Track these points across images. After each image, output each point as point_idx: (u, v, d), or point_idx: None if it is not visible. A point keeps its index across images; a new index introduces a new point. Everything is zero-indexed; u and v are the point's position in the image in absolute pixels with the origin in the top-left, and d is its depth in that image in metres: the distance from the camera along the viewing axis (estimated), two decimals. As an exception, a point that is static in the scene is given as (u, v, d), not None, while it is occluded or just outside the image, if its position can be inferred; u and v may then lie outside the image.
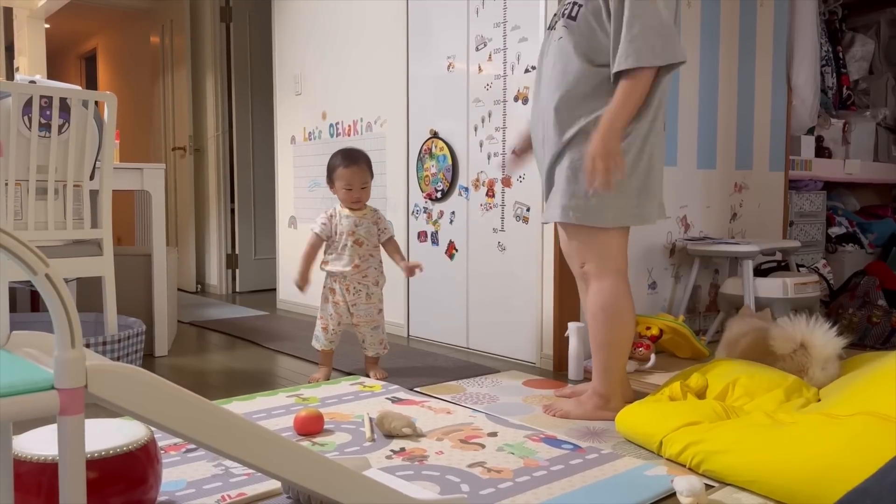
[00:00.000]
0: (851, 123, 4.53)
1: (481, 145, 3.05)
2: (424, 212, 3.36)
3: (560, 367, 2.75)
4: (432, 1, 3.27)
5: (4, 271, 1.18)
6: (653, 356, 2.72)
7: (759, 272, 3.16)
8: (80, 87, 2.65)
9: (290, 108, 4.33)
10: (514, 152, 2.46)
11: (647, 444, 1.86)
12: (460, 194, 3.17)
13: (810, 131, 4.10)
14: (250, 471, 1.67)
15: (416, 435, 1.97)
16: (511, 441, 1.93)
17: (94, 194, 2.64)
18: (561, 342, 2.73)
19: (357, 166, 2.59)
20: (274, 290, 4.69)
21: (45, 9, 5.21)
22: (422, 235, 3.38)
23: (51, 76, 5.61)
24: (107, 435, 1.42)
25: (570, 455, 1.82)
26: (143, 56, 6.06)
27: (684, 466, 1.73)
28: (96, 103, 2.55)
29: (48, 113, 2.38)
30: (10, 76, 5.18)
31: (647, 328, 2.79)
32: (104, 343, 2.47)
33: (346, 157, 2.60)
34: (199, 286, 5.38)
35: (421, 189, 3.36)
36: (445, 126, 3.23)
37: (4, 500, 1.17)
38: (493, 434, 1.99)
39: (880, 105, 4.74)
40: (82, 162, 2.51)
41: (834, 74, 4.42)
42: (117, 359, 2.51)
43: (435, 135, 3.27)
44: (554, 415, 2.16)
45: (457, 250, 3.19)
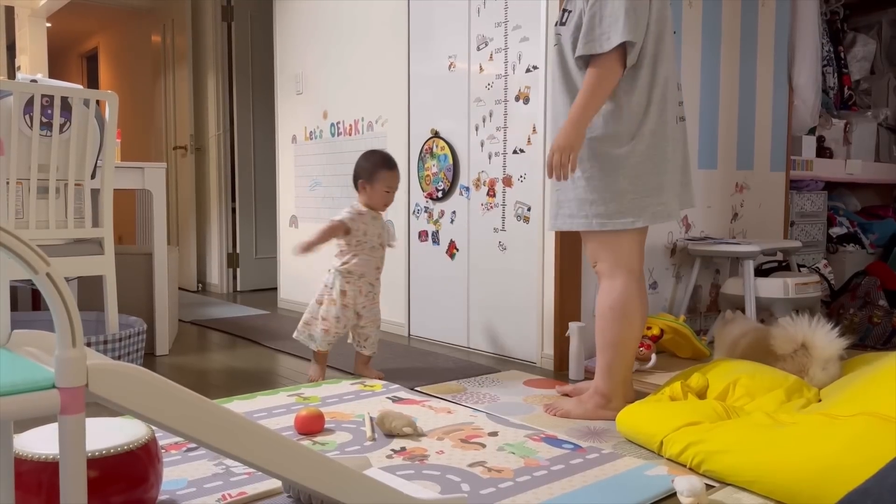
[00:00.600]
0: (853, 123, 4.53)
1: (482, 145, 3.05)
2: (425, 211, 3.36)
3: (561, 366, 2.75)
4: (434, 1, 3.27)
5: (5, 270, 1.18)
6: (653, 356, 2.72)
7: (760, 272, 3.16)
8: (81, 87, 2.65)
9: (292, 108, 4.33)
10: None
11: (648, 444, 1.86)
12: (461, 194, 3.17)
13: (811, 131, 4.10)
14: (251, 470, 1.67)
15: (416, 434, 1.97)
16: (511, 441, 1.93)
17: (95, 193, 2.64)
18: (562, 342, 2.73)
19: (397, 171, 2.64)
20: (275, 289, 4.69)
21: (47, 8, 5.21)
22: (422, 235, 3.38)
23: (52, 75, 5.62)
24: (108, 434, 1.42)
25: (571, 455, 1.82)
26: (145, 55, 6.06)
27: (685, 466, 1.73)
28: (98, 102, 2.55)
29: (49, 112, 2.38)
30: (11, 75, 5.18)
31: (648, 328, 2.79)
32: (105, 342, 2.47)
33: (388, 160, 2.62)
34: (200, 285, 5.38)
35: (422, 188, 3.36)
36: (446, 126, 3.23)
37: (5, 499, 1.17)
38: (493, 434, 1.99)
39: (881, 105, 4.74)
40: (83, 161, 2.51)
41: (835, 74, 4.42)
42: (118, 358, 2.51)
43: (436, 134, 3.27)
44: (555, 414, 2.16)
45: (457, 250, 3.19)
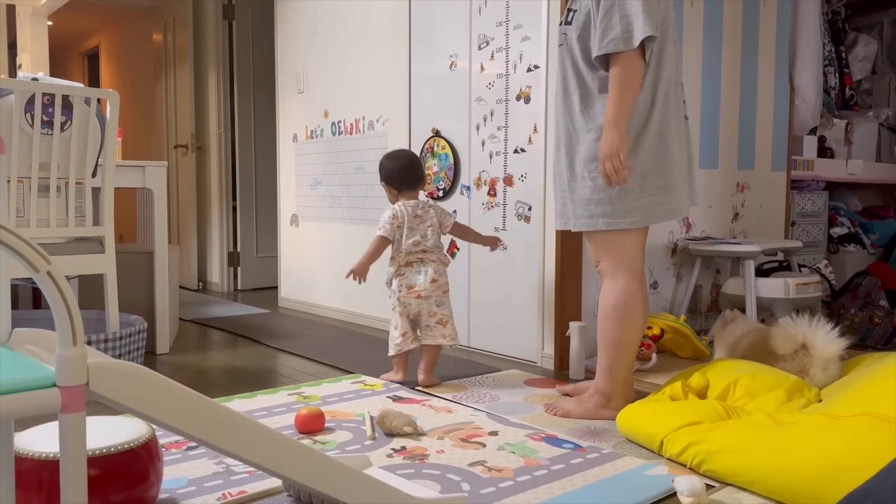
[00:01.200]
0: (854, 124, 4.53)
1: (483, 144, 3.05)
2: (426, 210, 3.35)
3: (561, 366, 2.75)
4: (435, 0, 3.27)
5: (6, 268, 1.18)
6: (654, 356, 2.72)
7: (761, 272, 3.16)
8: (82, 85, 2.65)
9: (293, 107, 4.33)
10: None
11: (648, 444, 1.86)
12: (462, 193, 3.17)
13: (813, 131, 4.10)
14: (251, 469, 1.67)
15: (416, 434, 1.97)
16: (512, 440, 1.93)
17: (96, 192, 2.64)
18: (562, 341, 2.73)
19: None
20: (276, 287, 4.70)
21: (48, 6, 5.21)
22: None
23: (53, 74, 5.62)
24: (108, 432, 1.42)
25: (571, 454, 1.82)
26: (146, 54, 6.06)
27: (685, 466, 1.73)
28: (99, 101, 2.55)
29: (51, 110, 2.38)
30: (12, 73, 5.18)
31: (649, 328, 2.79)
32: (106, 340, 2.47)
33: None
34: (200, 284, 5.38)
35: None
36: (447, 125, 3.23)
37: (6, 497, 1.17)
38: (493, 433, 1.99)
39: (883, 105, 4.74)
40: (84, 159, 2.51)
41: (836, 74, 4.42)
42: (119, 356, 2.51)
43: (437, 133, 3.27)
44: (555, 414, 2.16)
45: (458, 249, 3.19)
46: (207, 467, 1.71)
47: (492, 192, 3.02)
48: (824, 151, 4.27)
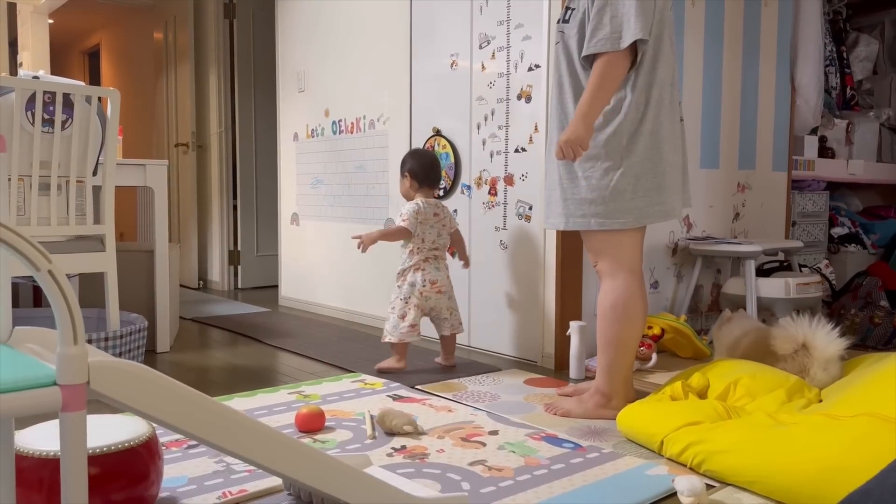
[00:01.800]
0: (855, 124, 4.53)
1: (484, 143, 3.05)
2: (427, 210, 3.35)
3: (561, 365, 2.75)
4: (436, -1, 3.27)
5: (7, 267, 1.18)
6: (654, 355, 2.72)
7: (762, 272, 3.16)
8: (83, 83, 2.65)
9: (293, 105, 4.33)
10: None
11: (649, 444, 1.86)
12: (463, 192, 3.17)
13: (814, 131, 4.10)
14: (251, 467, 1.67)
15: (417, 433, 1.97)
16: (512, 439, 1.93)
17: (96, 190, 2.64)
18: (563, 341, 2.73)
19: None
20: (276, 286, 4.70)
21: (49, 4, 5.20)
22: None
23: (54, 72, 5.62)
24: (108, 431, 1.42)
25: (571, 454, 1.82)
26: (147, 52, 6.06)
27: (685, 466, 1.73)
28: (99, 99, 2.55)
29: (51, 109, 2.38)
30: (13, 72, 5.18)
31: (649, 327, 2.79)
32: (106, 339, 2.48)
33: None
34: (201, 282, 5.38)
35: (423, 187, 3.36)
36: (448, 124, 3.22)
37: (6, 495, 1.17)
38: (494, 432, 1.99)
39: (884, 105, 4.73)
40: (85, 158, 2.51)
41: (838, 74, 4.42)
42: (119, 355, 2.51)
43: (438, 133, 3.27)
44: (555, 413, 2.16)
45: (459, 248, 3.19)
46: (208, 466, 1.71)
47: (492, 192, 3.02)
48: (825, 151, 4.27)
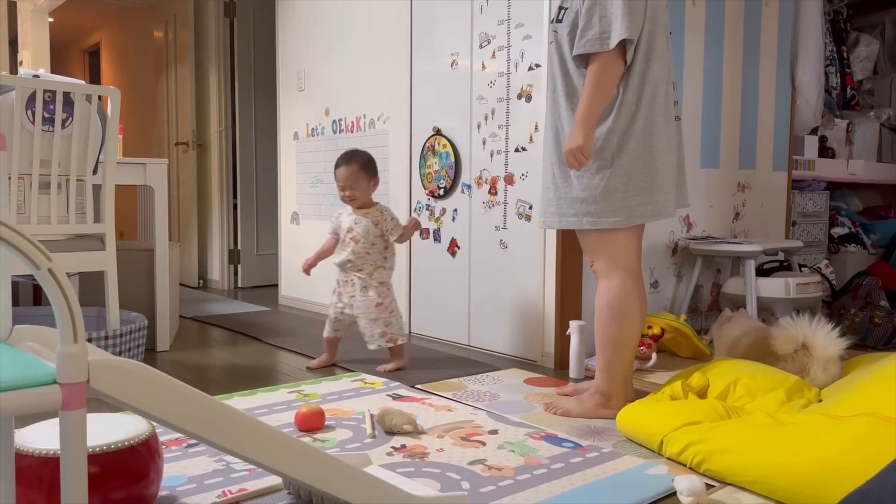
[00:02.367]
0: (855, 124, 4.53)
1: (484, 143, 3.05)
2: (427, 209, 3.36)
3: (561, 365, 2.75)
4: (436, -2, 3.27)
5: (7, 265, 1.18)
6: (654, 355, 2.72)
7: (762, 272, 3.16)
8: (83, 82, 2.65)
9: (294, 104, 4.33)
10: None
11: (648, 444, 1.86)
12: (463, 192, 3.17)
13: (814, 131, 4.09)
14: (251, 466, 1.68)
15: (416, 432, 1.97)
16: (512, 439, 1.93)
17: (96, 189, 2.64)
18: (562, 340, 2.73)
19: (347, 166, 2.69)
20: (276, 285, 4.69)
21: (49, 3, 5.20)
22: (424, 233, 3.38)
23: (54, 71, 5.61)
24: (108, 429, 1.42)
25: (571, 453, 1.82)
26: (147, 51, 6.06)
27: (685, 466, 1.73)
28: (100, 98, 2.55)
29: (52, 107, 2.38)
30: (13, 70, 5.18)
31: (649, 327, 2.79)
32: (106, 338, 2.48)
33: (341, 158, 2.73)
34: (201, 281, 5.38)
35: (423, 186, 3.36)
36: (448, 123, 3.22)
37: (6, 494, 1.17)
38: (493, 432, 1.99)
39: (884, 105, 4.73)
40: (85, 156, 2.51)
41: (838, 74, 4.42)
42: (119, 353, 2.51)
43: (438, 132, 3.27)
44: (555, 413, 2.16)
45: (459, 248, 3.19)
46: (207, 465, 1.71)
47: (493, 191, 3.02)
48: (825, 151, 4.27)
